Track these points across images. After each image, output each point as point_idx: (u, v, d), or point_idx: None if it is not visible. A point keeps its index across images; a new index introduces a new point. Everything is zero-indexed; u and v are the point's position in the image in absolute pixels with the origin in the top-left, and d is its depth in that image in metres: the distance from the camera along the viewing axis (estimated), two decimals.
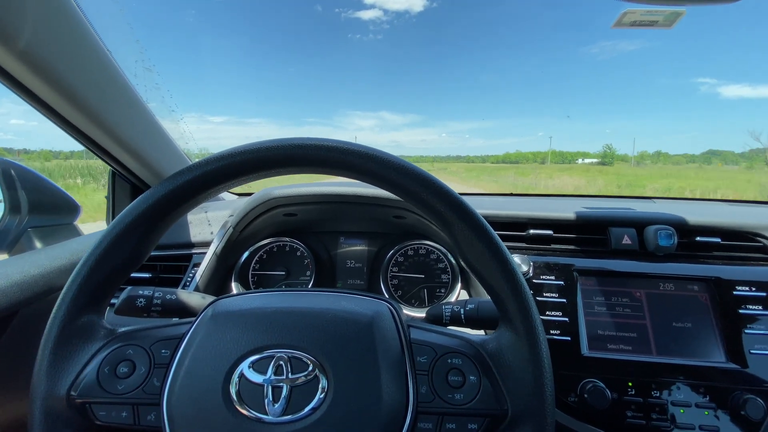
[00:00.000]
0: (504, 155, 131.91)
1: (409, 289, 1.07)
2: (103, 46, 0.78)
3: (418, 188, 0.46)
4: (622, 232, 0.89)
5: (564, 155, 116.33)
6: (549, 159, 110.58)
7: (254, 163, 0.47)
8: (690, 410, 0.72)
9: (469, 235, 0.46)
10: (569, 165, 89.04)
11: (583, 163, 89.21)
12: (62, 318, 0.46)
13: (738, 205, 1.27)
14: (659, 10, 0.73)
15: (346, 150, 0.47)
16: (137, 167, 1.02)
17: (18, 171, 0.94)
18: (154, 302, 0.61)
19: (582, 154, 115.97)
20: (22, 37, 0.62)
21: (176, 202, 0.49)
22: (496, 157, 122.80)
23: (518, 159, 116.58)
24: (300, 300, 0.52)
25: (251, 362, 0.44)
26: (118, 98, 0.86)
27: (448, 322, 0.64)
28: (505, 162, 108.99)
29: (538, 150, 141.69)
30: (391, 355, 0.46)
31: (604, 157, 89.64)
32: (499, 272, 0.46)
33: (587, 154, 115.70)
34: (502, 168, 63.72)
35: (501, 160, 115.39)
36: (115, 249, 0.48)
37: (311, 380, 0.43)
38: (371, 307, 0.51)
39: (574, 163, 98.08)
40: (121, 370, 0.47)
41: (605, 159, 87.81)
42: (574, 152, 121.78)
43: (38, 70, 0.68)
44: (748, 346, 0.75)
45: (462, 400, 0.45)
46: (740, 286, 0.80)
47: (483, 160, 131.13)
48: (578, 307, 0.82)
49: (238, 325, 0.47)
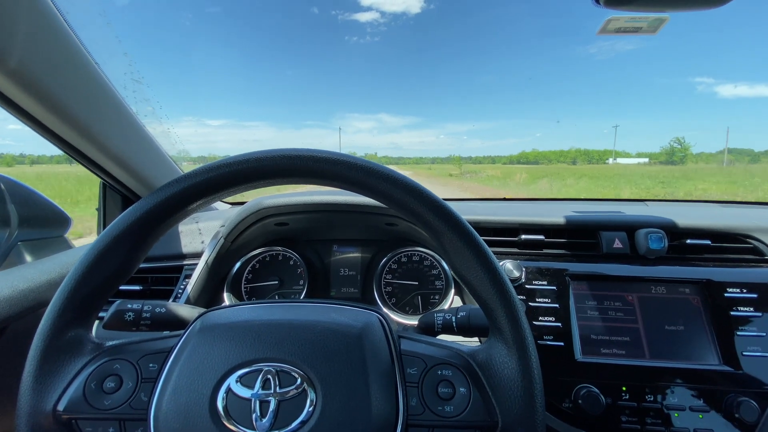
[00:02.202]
0: (519, 154, 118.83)
1: (403, 297, 1.06)
2: (91, 60, 0.78)
3: (407, 198, 0.46)
4: (613, 236, 0.89)
5: (590, 154, 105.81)
6: (577, 159, 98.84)
7: (244, 174, 0.47)
8: (684, 414, 0.72)
9: (459, 245, 0.46)
10: (603, 165, 73.80)
11: (638, 164, 71.33)
12: (48, 332, 0.46)
13: (728, 206, 1.28)
14: (643, 16, 0.74)
15: (336, 161, 0.47)
16: (128, 179, 1.02)
17: (7, 184, 0.93)
18: (143, 316, 0.60)
19: (609, 153, 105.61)
20: (13, 56, 0.62)
21: (165, 215, 0.48)
22: (509, 157, 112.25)
23: (537, 159, 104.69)
24: (289, 312, 0.51)
25: (239, 376, 0.44)
26: (107, 111, 0.86)
27: (440, 330, 0.64)
28: (520, 162, 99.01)
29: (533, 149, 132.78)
30: (380, 367, 0.46)
31: (671, 154, 72.96)
32: (489, 282, 0.45)
33: (620, 154, 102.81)
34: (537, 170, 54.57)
35: (516, 161, 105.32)
36: (103, 262, 0.47)
37: (299, 394, 0.43)
38: (361, 318, 0.50)
39: (604, 163, 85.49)
40: (108, 385, 0.46)
41: (673, 157, 71.23)
42: (601, 150, 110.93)
43: (28, 88, 0.68)
44: (740, 348, 0.76)
45: (452, 413, 0.45)
46: (731, 288, 0.80)
47: (492, 160, 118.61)
48: (571, 311, 0.82)
49: (225, 338, 0.47)
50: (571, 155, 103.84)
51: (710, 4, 0.63)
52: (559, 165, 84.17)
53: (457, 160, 77.53)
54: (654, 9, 0.68)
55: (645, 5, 0.65)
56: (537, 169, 63.25)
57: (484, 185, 27.95)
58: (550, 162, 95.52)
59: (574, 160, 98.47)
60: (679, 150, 72.56)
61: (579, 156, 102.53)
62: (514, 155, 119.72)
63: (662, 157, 74.34)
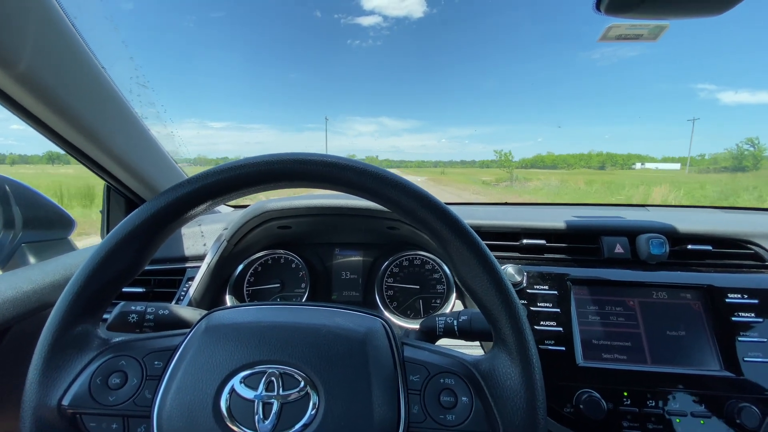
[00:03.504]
0: (534, 158, 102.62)
1: (405, 300, 1.07)
2: (98, 64, 0.79)
3: (414, 205, 0.47)
4: (615, 241, 0.89)
5: (614, 158, 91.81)
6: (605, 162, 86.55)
7: (252, 178, 0.48)
8: (686, 419, 0.72)
9: (465, 253, 0.46)
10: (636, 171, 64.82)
11: (671, 170, 59.92)
12: (56, 327, 0.46)
13: (729, 212, 1.28)
14: (644, 24, 0.74)
15: (344, 166, 0.47)
16: (132, 182, 1.03)
17: (12, 186, 0.94)
18: (147, 318, 0.61)
19: (634, 158, 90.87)
20: (22, 60, 0.63)
21: (174, 215, 0.49)
22: (523, 161, 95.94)
23: (555, 163, 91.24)
24: (294, 315, 0.52)
25: (242, 377, 0.44)
26: (113, 115, 0.86)
27: (441, 334, 0.64)
28: (534, 167, 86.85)
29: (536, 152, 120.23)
30: (383, 373, 0.46)
31: (740, 159, 55.79)
32: (494, 293, 0.46)
33: (648, 158, 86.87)
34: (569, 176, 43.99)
35: (529, 165, 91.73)
36: (113, 259, 0.48)
37: (302, 397, 0.43)
38: (365, 323, 0.50)
39: (629, 169, 75.57)
40: (113, 381, 0.47)
41: (744, 162, 54.66)
42: (624, 155, 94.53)
43: (36, 91, 0.68)
44: (742, 353, 0.75)
45: (454, 422, 0.45)
46: (733, 294, 0.80)
47: (501, 165, 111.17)
48: (572, 316, 0.82)
49: (230, 339, 0.47)
50: (596, 159, 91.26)
51: (709, 12, 0.64)
52: (582, 170, 72.86)
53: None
54: (654, 17, 0.68)
55: (645, 13, 0.66)
56: (566, 174, 52.24)
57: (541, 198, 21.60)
58: (571, 167, 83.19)
59: (603, 165, 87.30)
60: (753, 154, 56.74)
61: (603, 160, 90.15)
62: (528, 159, 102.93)
63: (728, 162, 59.22)
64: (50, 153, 25.34)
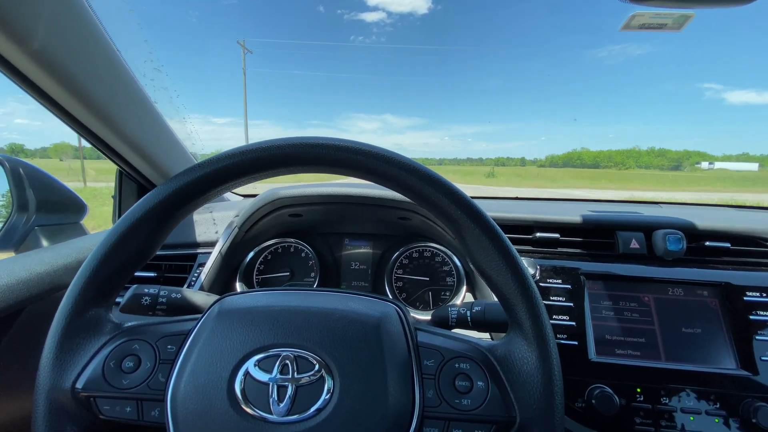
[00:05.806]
0: (566, 155, 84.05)
1: (414, 292, 1.06)
2: (113, 45, 0.79)
3: (429, 190, 0.46)
4: (630, 236, 0.88)
5: (666, 154, 75.22)
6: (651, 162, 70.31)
7: (264, 161, 0.47)
8: (700, 418, 0.71)
9: (480, 238, 0.46)
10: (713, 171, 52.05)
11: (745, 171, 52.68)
12: (69, 310, 0.46)
13: (746, 210, 1.25)
14: (668, 12, 0.72)
15: (358, 150, 0.46)
16: (144, 167, 1.03)
17: (27, 170, 0.94)
18: (160, 300, 0.61)
19: (694, 155, 72.74)
20: (36, 37, 0.62)
21: (186, 199, 0.49)
22: (551, 158, 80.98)
23: (597, 161, 74.78)
24: (307, 299, 0.51)
25: (257, 360, 0.44)
26: (127, 98, 0.86)
27: (454, 324, 0.63)
28: (567, 165, 73.59)
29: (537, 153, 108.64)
30: (397, 357, 0.45)
31: None
32: (510, 277, 0.45)
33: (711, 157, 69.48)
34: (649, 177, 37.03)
35: (560, 163, 75.86)
36: (125, 243, 0.48)
37: (317, 380, 0.43)
38: (378, 308, 0.50)
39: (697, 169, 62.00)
40: (127, 365, 0.47)
41: None
42: (681, 151, 76.92)
43: (50, 70, 0.68)
44: (759, 352, 0.74)
45: (469, 406, 0.45)
46: (751, 292, 0.79)
47: (522, 162, 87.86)
48: (585, 311, 0.81)
49: (244, 322, 0.47)
50: (646, 158, 73.37)
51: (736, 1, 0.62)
52: (648, 172, 60.80)
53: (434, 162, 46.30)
54: (679, 5, 0.66)
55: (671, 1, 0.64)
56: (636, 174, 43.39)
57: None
58: (621, 166, 69.88)
59: (679, 165, 70.76)
60: None
61: (652, 159, 73.95)
62: (558, 156, 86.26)
63: None
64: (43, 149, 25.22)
